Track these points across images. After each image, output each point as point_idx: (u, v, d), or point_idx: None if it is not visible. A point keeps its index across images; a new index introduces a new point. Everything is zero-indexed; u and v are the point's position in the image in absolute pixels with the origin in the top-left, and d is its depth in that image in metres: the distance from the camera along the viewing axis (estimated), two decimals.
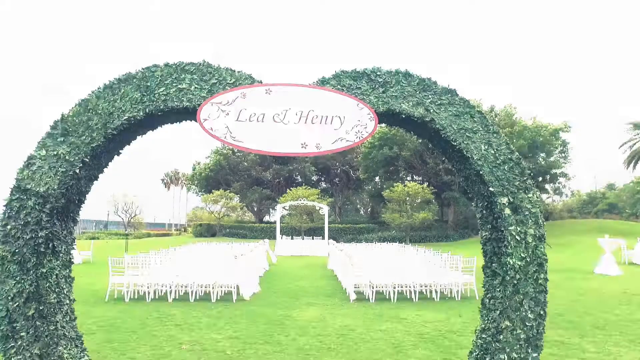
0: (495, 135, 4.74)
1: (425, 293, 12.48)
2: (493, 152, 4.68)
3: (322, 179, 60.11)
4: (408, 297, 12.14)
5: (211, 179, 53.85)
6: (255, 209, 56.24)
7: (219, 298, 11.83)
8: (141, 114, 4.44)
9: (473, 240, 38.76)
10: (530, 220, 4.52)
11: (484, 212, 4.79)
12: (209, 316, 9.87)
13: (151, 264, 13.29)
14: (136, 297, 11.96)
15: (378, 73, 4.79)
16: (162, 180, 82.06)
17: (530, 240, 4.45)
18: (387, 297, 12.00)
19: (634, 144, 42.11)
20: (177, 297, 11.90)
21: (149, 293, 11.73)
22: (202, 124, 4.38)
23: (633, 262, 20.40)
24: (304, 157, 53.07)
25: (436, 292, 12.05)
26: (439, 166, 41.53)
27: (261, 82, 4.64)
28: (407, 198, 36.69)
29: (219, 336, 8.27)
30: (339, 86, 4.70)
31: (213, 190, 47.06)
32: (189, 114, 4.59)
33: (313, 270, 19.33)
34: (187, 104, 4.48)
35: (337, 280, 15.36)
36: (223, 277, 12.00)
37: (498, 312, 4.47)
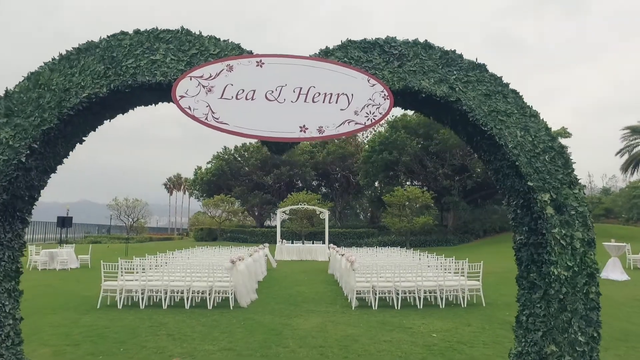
0: (532, 119, 3.85)
1: (430, 300, 11.73)
2: (531, 139, 3.78)
3: (323, 184, 59.32)
4: (412, 303, 11.38)
5: (213, 184, 53.10)
6: (256, 214, 55.45)
7: (215, 305, 11.07)
8: (105, 90, 3.55)
9: (473, 245, 37.97)
10: (577, 221, 3.63)
11: (519, 211, 3.91)
12: (203, 325, 9.10)
13: (145, 269, 12.53)
14: (129, 303, 11.20)
15: (392, 44, 3.88)
16: (165, 185, 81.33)
17: (577, 246, 3.55)
18: (390, 304, 11.25)
19: (633, 148, 41.33)
20: (172, 304, 11.14)
21: (142, 299, 10.96)
22: (178, 102, 3.50)
23: (639, 267, 19.57)
24: (304, 161, 52.30)
25: (441, 298, 11.29)
26: (438, 171, 40.82)
27: (251, 52, 3.80)
28: (407, 202, 35.93)
29: (213, 347, 7.51)
30: (345, 59, 3.81)
31: (214, 195, 46.34)
32: (164, 91, 3.67)
33: (313, 275, 18.56)
34: (161, 78, 3.59)
35: (338, 286, 14.61)
36: (220, 283, 11.24)
37: (540, 333, 3.56)
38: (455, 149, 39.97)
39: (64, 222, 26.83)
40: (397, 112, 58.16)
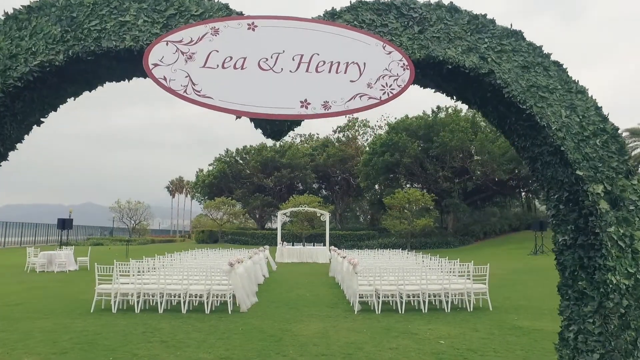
0: (579, 95, 3.14)
1: (434, 303, 11.10)
2: (578, 119, 3.04)
3: (323, 186, 58.71)
4: (416, 307, 10.76)
5: (214, 186, 52.49)
6: (257, 216, 54.82)
7: (213, 309, 10.43)
8: (62, 57, 2.82)
9: (473, 247, 37.31)
10: (638, 218, 2.95)
11: (562, 207, 3.18)
12: (200, 330, 8.46)
13: (142, 272, 11.92)
14: (124, 307, 10.57)
15: (412, 6, 3.15)
16: (168, 188, 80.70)
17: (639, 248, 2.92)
18: (394, 308, 10.61)
19: (632, 150, 40.65)
20: (168, 308, 10.50)
21: (138, 303, 10.33)
22: (151, 72, 2.77)
23: None
24: (304, 163, 51.64)
25: (447, 302, 10.66)
26: (438, 173, 40.21)
27: (242, 14, 3.05)
28: (408, 205, 35.31)
29: (208, 356, 6.88)
30: (356, 22, 3.11)
31: (215, 197, 45.76)
32: (136, 60, 2.91)
33: (314, 277, 17.92)
34: (132, 43, 2.87)
35: (340, 289, 13.97)
36: (218, 286, 10.62)
37: (597, 355, 2.79)
38: (455, 152, 39.40)
39: (64, 224, 26.19)
40: (398, 114, 57.49)
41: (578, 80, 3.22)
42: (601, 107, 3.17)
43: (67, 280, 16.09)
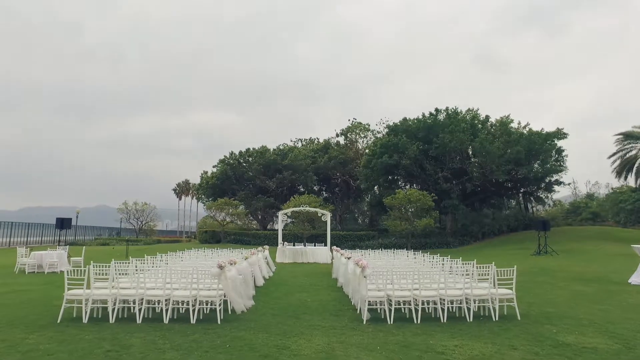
0: None
1: (452, 310, 9.06)
2: None
3: (324, 188, 56.79)
4: (432, 315, 8.74)
5: (218, 188, 50.52)
6: (260, 217, 52.80)
7: (200, 318, 8.42)
8: None
9: (473, 247, 35.36)
10: None
11: None
12: (178, 348, 6.41)
13: (117, 275, 9.87)
14: (99, 315, 8.56)
15: None
16: (174, 190, 79.02)
17: None
18: (408, 317, 8.59)
19: (625, 153, 38.79)
20: (149, 317, 8.50)
21: (113, 311, 8.30)
22: None
23: None
24: (305, 166, 49.59)
25: (468, 309, 8.63)
26: (437, 174, 38.20)
27: None
28: (408, 205, 33.30)
29: None
30: None
31: (218, 199, 43.78)
32: None
33: (316, 279, 15.85)
34: None
35: (343, 292, 11.91)
36: (207, 291, 8.60)
37: None
38: (453, 153, 37.43)
39: (63, 223, 24.21)
40: (397, 117, 55.71)
41: None
42: None
43: (53, 283, 14.04)
